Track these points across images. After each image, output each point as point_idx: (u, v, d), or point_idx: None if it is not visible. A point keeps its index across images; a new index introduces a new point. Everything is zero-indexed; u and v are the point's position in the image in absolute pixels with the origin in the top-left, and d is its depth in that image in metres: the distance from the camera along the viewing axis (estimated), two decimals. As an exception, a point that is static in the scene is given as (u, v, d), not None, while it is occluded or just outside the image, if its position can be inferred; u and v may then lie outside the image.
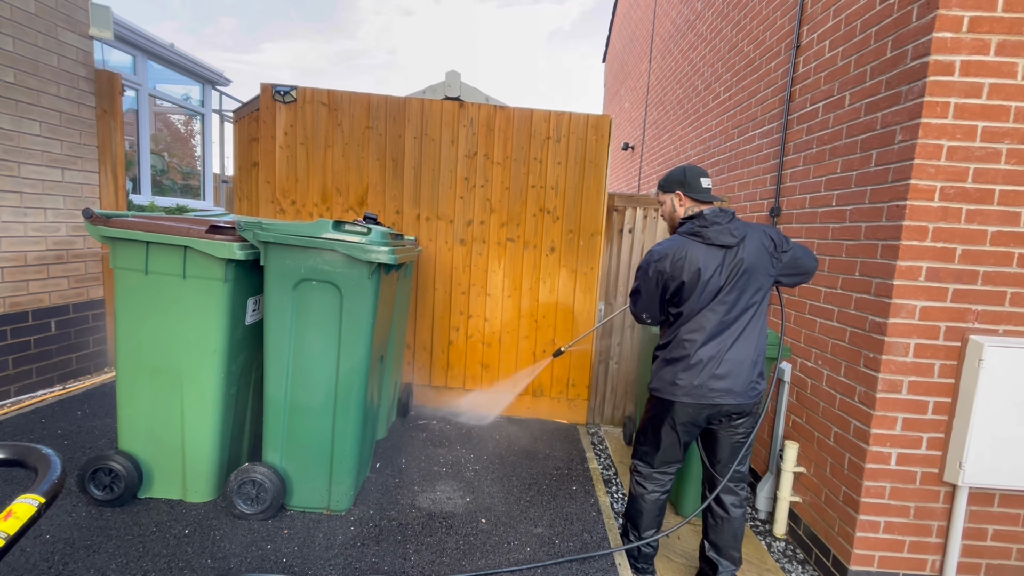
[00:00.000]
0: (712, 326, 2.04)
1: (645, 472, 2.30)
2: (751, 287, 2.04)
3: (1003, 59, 2.07)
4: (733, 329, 2.05)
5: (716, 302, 2.03)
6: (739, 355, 2.05)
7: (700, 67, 5.03)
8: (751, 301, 2.06)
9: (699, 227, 2.06)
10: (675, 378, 2.10)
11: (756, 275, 2.04)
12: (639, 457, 2.33)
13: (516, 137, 3.76)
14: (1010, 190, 2.13)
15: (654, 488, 2.29)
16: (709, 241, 2.03)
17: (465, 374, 4.00)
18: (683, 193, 2.18)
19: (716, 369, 2.04)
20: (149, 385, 2.38)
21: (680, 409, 2.12)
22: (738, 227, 2.05)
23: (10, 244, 3.48)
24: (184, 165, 7.81)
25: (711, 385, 2.05)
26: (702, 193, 2.15)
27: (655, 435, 2.23)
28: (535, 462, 3.25)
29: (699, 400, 2.07)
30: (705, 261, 2.01)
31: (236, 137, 4.41)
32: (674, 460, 2.26)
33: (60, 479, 0.82)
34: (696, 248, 2.03)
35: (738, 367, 2.05)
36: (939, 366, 2.24)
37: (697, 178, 2.17)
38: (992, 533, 2.33)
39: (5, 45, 3.36)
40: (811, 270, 2.16)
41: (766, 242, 2.07)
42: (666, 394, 2.13)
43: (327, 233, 2.26)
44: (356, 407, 2.43)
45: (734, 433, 2.18)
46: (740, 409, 2.11)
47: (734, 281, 2.03)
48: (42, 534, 2.16)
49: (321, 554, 2.19)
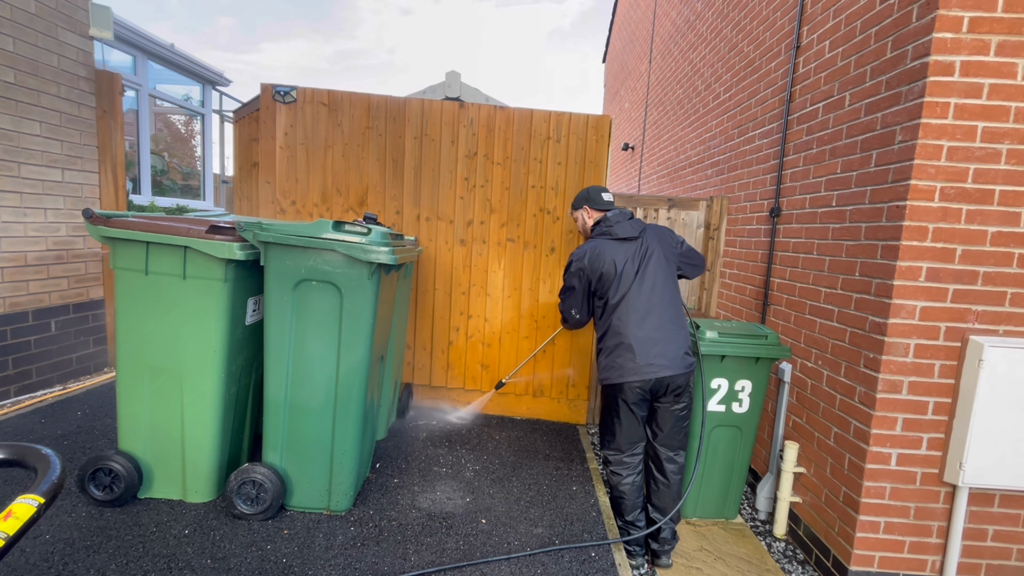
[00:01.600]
0: (637, 309, 2.36)
1: (615, 459, 2.51)
2: (662, 270, 2.42)
3: (1003, 59, 2.07)
4: (656, 309, 2.37)
5: (635, 287, 2.37)
6: (666, 330, 2.36)
7: (700, 67, 5.03)
8: (665, 284, 2.41)
9: (606, 227, 2.48)
10: (618, 362, 2.36)
11: (663, 260, 2.43)
12: (606, 447, 2.55)
13: (516, 137, 3.76)
14: (1010, 190, 2.13)
15: (628, 472, 2.49)
16: (616, 236, 2.43)
17: (465, 374, 4.00)
18: (588, 207, 2.63)
19: (651, 346, 2.32)
20: (149, 385, 2.38)
21: (629, 389, 2.36)
22: (637, 223, 2.48)
23: (10, 244, 3.48)
24: (184, 165, 7.81)
25: (650, 360, 2.32)
26: (603, 204, 2.60)
27: (614, 419, 2.47)
28: (535, 462, 3.25)
29: (644, 376, 2.32)
30: (617, 253, 2.40)
31: (236, 137, 4.41)
32: (638, 439, 2.49)
33: (60, 479, 0.82)
34: (607, 244, 2.43)
35: (669, 341, 2.35)
36: (939, 366, 2.24)
37: (598, 193, 2.63)
38: (992, 533, 2.33)
39: (5, 45, 3.36)
40: (701, 262, 2.64)
41: (663, 234, 2.52)
42: (614, 379, 2.38)
43: (327, 233, 2.26)
44: (356, 407, 2.43)
45: (675, 406, 2.44)
46: (679, 382, 2.38)
47: (645, 266, 2.40)
48: (42, 534, 2.16)
49: (321, 554, 2.19)
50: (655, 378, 2.33)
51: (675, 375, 2.35)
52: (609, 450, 2.53)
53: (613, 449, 2.51)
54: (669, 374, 2.33)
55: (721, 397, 2.79)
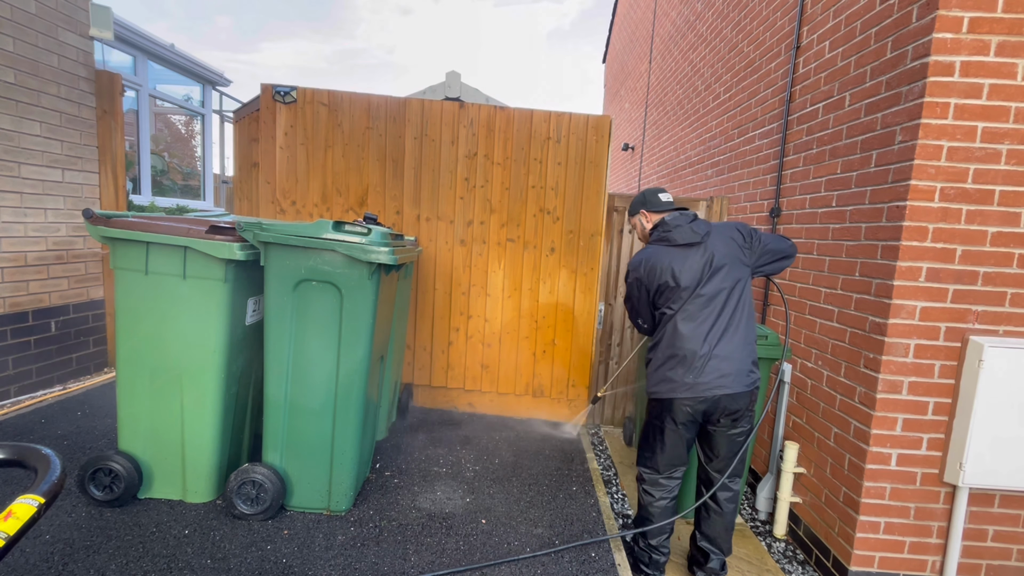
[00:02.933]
0: (697, 320, 2.13)
1: (651, 479, 2.30)
2: (729, 278, 2.15)
3: (1003, 60, 2.07)
4: (719, 321, 2.13)
5: (696, 296, 2.13)
6: (729, 345, 2.12)
7: (700, 68, 5.03)
8: (731, 293, 2.15)
9: (664, 232, 2.23)
10: (669, 375, 2.15)
11: (730, 267, 2.15)
12: (644, 464, 2.33)
13: (516, 138, 3.76)
14: (1010, 191, 2.13)
15: (662, 495, 2.29)
16: (675, 242, 2.18)
17: (465, 374, 4.00)
18: (646, 211, 2.38)
19: (709, 362, 2.10)
20: (149, 385, 2.38)
21: (679, 407, 2.15)
22: (700, 225, 2.19)
23: (10, 244, 3.48)
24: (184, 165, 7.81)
25: (706, 378, 2.09)
26: (662, 206, 2.34)
27: (658, 437, 2.25)
28: (535, 462, 3.25)
29: (696, 394, 2.11)
30: (676, 261, 2.15)
31: (236, 137, 4.41)
32: (679, 463, 2.27)
33: (60, 479, 0.82)
34: (665, 251, 2.19)
35: (730, 357, 2.11)
36: (939, 367, 2.24)
37: (655, 195, 2.37)
38: (992, 534, 2.32)
39: (5, 45, 3.36)
40: (787, 251, 2.28)
41: (734, 235, 2.21)
42: (664, 393, 2.17)
43: (327, 233, 2.26)
44: (356, 407, 2.43)
45: (732, 430, 2.21)
46: (738, 404, 2.14)
47: (709, 275, 2.13)
48: (42, 534, 2.16)
49: (321, 554, 2.19)
50: (709, 398, 2.10)
51: (733, 395, 2.11)
52: (645, 468, 2.32)
53: (650, 468, 2.30)
54: (726, 393, 2.10)
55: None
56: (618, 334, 4.12)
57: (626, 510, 2.96)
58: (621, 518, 2.85)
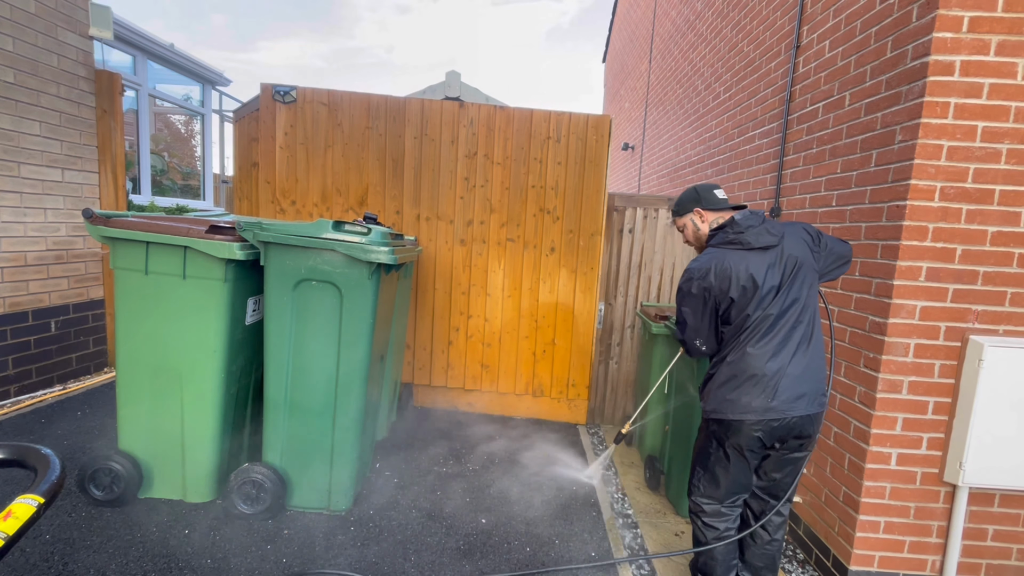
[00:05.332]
0: (773, 334, 1.87)
1: (712, 510, 2.02)
2: (805, 286, 1.91)
3: (1003, 59, 2.07)
4: (794, 335, 1.87)
5: (774, 307, 1.87)
6: (803, 361, 1.87)
7: (700, 67, 5.03)
8: (807, 302, 1.91)
9: (735, 234, 1.93)
10: (737, 396, 1.89)
11: (807, 272, 1.92)
12: (701, 493, 2.05)
13: (516, 137, 3.76)
14: (1010, 190, 2.13)
15: (727, 526, 2.02)
16: (750, 246, 1.90)
17: (465, 374, 4.00)
18: (702, 209, 2.09)
19: (782, 380, 1.85)
20: (149, 385, 2.38)
21: (747, 432, 1.89)
22: (774, 226, 1.94)
23: (10, 244, 3.48)
24: (184, 165, 7.81)
25: (780, 399, 1.84)
26: (720, 203, 2.07)
27: (721, 463, 1.98)
28: (535, 462, 3.25)
29: (771, 416, 1.85)
30: (754, 266, 1.87)
31: (236, 137, 4.41)
32: (743, 490, 2.02)
33: (60, 479, 0.82)
34: (738, 256, 1.90)
35: (804, 375, 1.87)
36: (939, 366, 2.24)
37: (710, 191, 2.09)
38: (992, 533, 2.32)
39: (5, 45, 3.36)
40: (848, 255, 2.07)
41: (805, 236, 1.97)
42: (730, 415, 1.90)
43: (327, 233, 2.26)
44: (356, 407, 2.43)
45: (796, 453, 1.97)
46: (811, 428, 1.91)
47: (790, 281, 1.88)
48: (42, 534, 2.16)
49: (321, 554, 2.19)
50: (781, 420, 1.85)
51: (808, 416, 1.88)
52: (704, 498, 2.03)
53: (710, 498, 2.02)
54: (800, 415, 1.86)
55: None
56: (618, 334, 4.11)
57: (626, 509, 2.96)
58: (621, 517, 2.85)
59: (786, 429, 1.87)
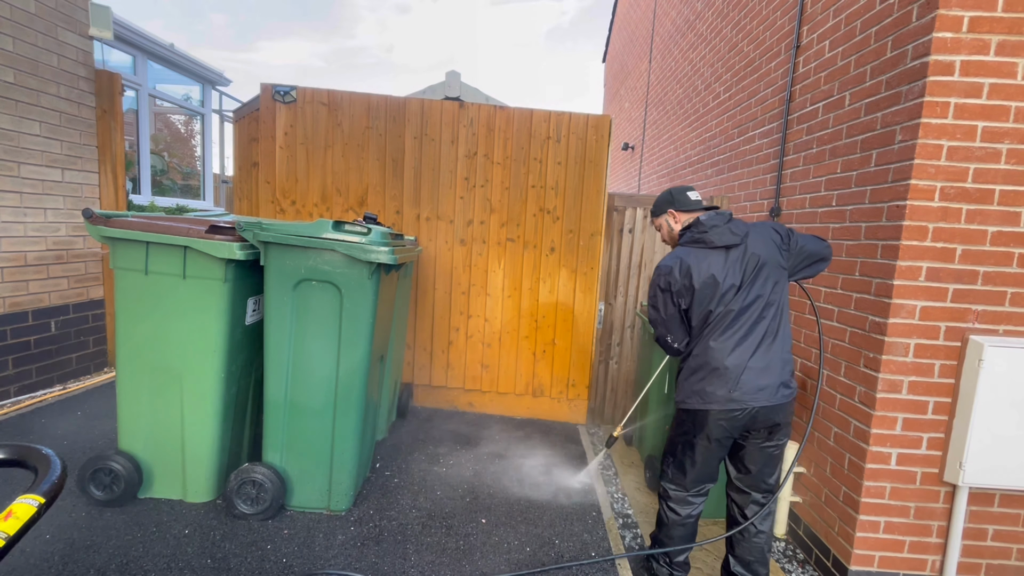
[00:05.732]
0: (735, 329, 1.97)
1: (678, 496, 2.15)
2: (769, 283, 1.99)
3: (1003, 59, 2.07)
4: (757, 329, 1.97)
5: (736, 303, 1.97)
6: (767, 356, 1.98)
7: (700, 67, 5.03)
8: (771, 298, 1.99)
9: (699, 234, 2.04)
10: (703, 387, 2.00)
11: (771, 270, 1.99)
12: (670, 480, 2.18)
13: (516, 137, 3.76)
14: (1010, 190, 2.13)
15: (688, 513, 2.15)
16: (712, 244, 2.00)
17: (465, 374, 4.00)
18: (674, 210, 2.20)
19: (744, 373, 1.95)
20: (149, 385, 2.38)
21: (713, 421, 2.00)
22: (738, 226, 2.03)
23: (10, 244, 3.48)
24: (184, 165, 7.81)
25: (742, 390, 1.95)
26: (692, 204, 2.17)
27: (687, 452, 2.09)
28: (535, 462, 3.25)
29: (733, 407, 1.96)
30: (715, 264, 1.98)
31: (236, 137, 4.41)
32: (709, 479, 2.13)
33: (60, 479, 0.82)
34: (701, 254, 2.00)
35: (768, 369, 1.97)
36: (939, 366, 2.24)
37: (683, 193, 2.20)
38: (992, 533, 2.33)
39: (5, 45, 3.36)
40: (824, 253, 2.11)
41: (772, 236, 2.04)
42: (696, 405, 2.02)
43: (327, 233, 2.26)
44: (356, 407, 2.43)
45: (767, 443, 2.06)
46: (776, 417, 2.00)
47: (751, 279, 1.97)
48: (42, 534, 2.16)
49: (321, 554, 2.19)
50: (743, 410, 1.96)
51: (771, 407, 1.97)
52: (672, 484, 2.16)
53: (677, 485, 2.15)
54: (763, 405, 1.96)
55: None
56: (618, 334, 4.11)
57: (625, 509, 2.96)
58: (621, 518, 2.85)
59: (749, 419, 1.99)
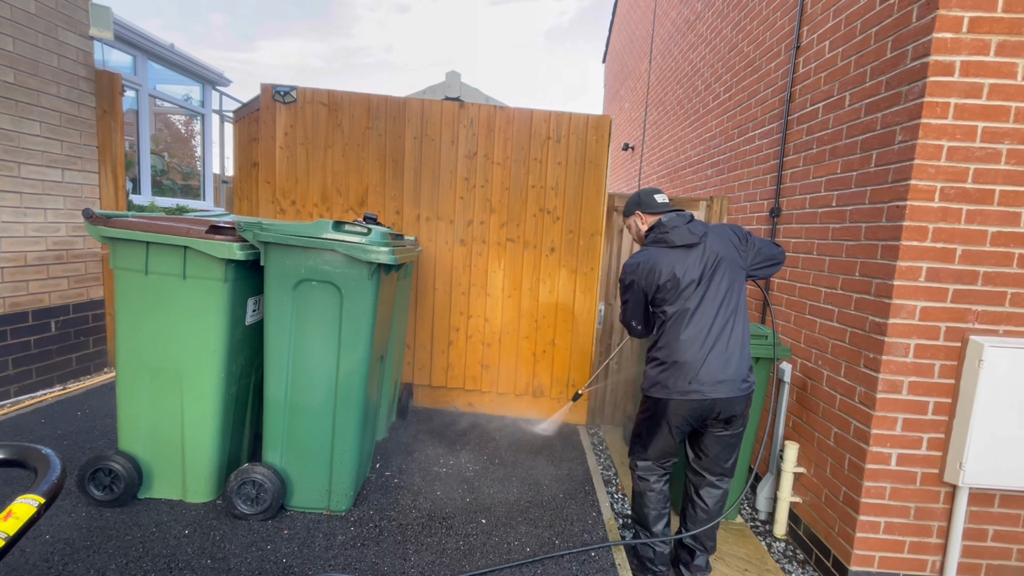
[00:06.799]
0: (694, 324, 2.11)
1: (644, 465, 2.34)
2: (727, 279, 2.14)
3: (1003, 59, 2.07)
4: (716, 324, 2.11)
5: (695, 299, 2.12)
6: (726, 350, 2.11)
7: (700, 67, 5.03)
8: (728, 294, 2.14)
9: (661, 234, 2.21)
10: (665, 378, 2.16)
11: (729, 267, 2.15)
12: (636, 455, 2.37)
13: (516, 137, 3.76)
14: (1010, 190, 2.13)
15: (657, 478, 2.33)
16: (673, 244, 2.17)
17: (465, 374, 4.00)
18: (641, 212, 2.35)
19: (703, 366, 2.09)
20: (149, 385, 2.38)
21: (673, 408, 2.16)
22: (697, 226, 2.19)
23: (10, 244, 3.48)
24: (184, 165, 7.81)
25: (701, 383, 2.09)
26: (658, 207, 2.32)
27: (650, 432, 2.28)
28: (535, 462, 3.25)
29: (691, 397, 2.11)
30: (675, 262, 2.14)
31: (236, 137, 4.41)
32: (671, 455, 2.31)
33: (60, 479, 0.82)
34: (663, 253, 2.17)
35: (727, 362, 2.11)
36: (939, 366, 2.24)
37: (651, 196, 2.34)
38: (992, 534, 2.32)
39: (5, 45, 3.36)
40: (779, 257, 2.30)
41: (730, 236, 2.21)
42: (658, 394, 2.19)
43: (327, 233, 2.26)
44: (356, 407, 2.43)
45: (723, 432, 2.22)
46: (733, 409, 2.14)
47: (710, 276, 2.12)
48: (42, 534, 2.16)
49: (321, 554, 2.19)
50: (705, 403, 2.11)
51: (728, 400, 2.11)
52: (639, 458, 2.35)
53: (643, 458, 2.34)
54: (721, 398, 2.10)
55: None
56: (618, 334, 4.11)
57: (625, 510, 2.96)
58: (621, 518, 2.85)
59: (707, 409, 2.13)
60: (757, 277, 2.29)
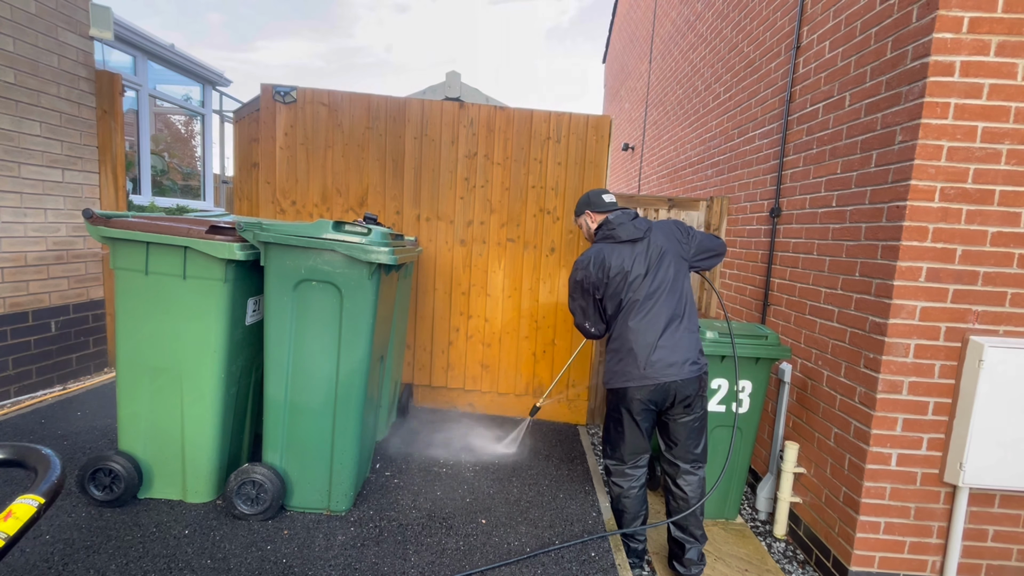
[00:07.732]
0: (643, 313, 2.23)
1: (616, 470, 2.40)
2: (672, 271, 2.28)
3: (1003, 60, 2.07)
4: (664, 312, 2.24)
5: (643, 289, 2.24)
6: (675, 335, 2.23)
7: (700, 68, 5.03)
8: (674, 284, 2.27)
9: (608, 231, 2.34)
10: (620, 367, 2.26)
11: (673, 260, 2.29)
12: (608, 456, 2.43)
13: (516, 138, 3.76)
14: (1010, 191, 2.13)
15: (630, 485, 2.39)
16: (620, 239, 2.29)
17: (465, 375, 4.00)
18: (591, 211, 2.47)
19: (654, 352, 2.20)
20: (149, 385, 2.38)
21: (631, 397, 2.25)
22: (641, 223, 2.33)
23: (10, 244, 3.48)
24: (184, 165, 7.81)
25: (652, 366, 2.20)
26: (606, 206, 2.44)
27: (617, 428, 2.35)
28: (535, 462, 3.25)
29: (644, 383, 2.21)
30: (623, 257, 2.26)
31: (236, 137, 4.41)
32: (642, 450, 2.36)
33: (60, 479, 0.82)
34: (612, 248, 2.29)
35: (676, 346, 2.22)
36: (939, 367, 2.24)
37: (599, 196, 2.47)
38: (992, 534, 2.32)
39: (5, 45, 3.36)
40: (719, 249, 2.43)
41: (673, 230, 2.35)
42: (617, 383, 2.28)
43: (327, 233, 2.26)
44: (356, 407, 2.43)
45: (685, 417, 2.30)
46: (687, 391, 2.24)
47: (656, 267, 2.26)
48: (42, 534, 2.16)
49: (321, 555, 2.19)
50: (657, 385, 2.20)
51: (680, 382, 2.21)
52: (610, 460, 2.42)
53: (614, 459, 2.40)
54: (671, 380, 2.20)
55: (721, 397, 2.79)
56: (618, 334, 4.11)
57: (626, 510, 2.96)
58: (621, 518, 2.85)
59: (663, 393, 2.23)
60: (700, 268, 2.43)
